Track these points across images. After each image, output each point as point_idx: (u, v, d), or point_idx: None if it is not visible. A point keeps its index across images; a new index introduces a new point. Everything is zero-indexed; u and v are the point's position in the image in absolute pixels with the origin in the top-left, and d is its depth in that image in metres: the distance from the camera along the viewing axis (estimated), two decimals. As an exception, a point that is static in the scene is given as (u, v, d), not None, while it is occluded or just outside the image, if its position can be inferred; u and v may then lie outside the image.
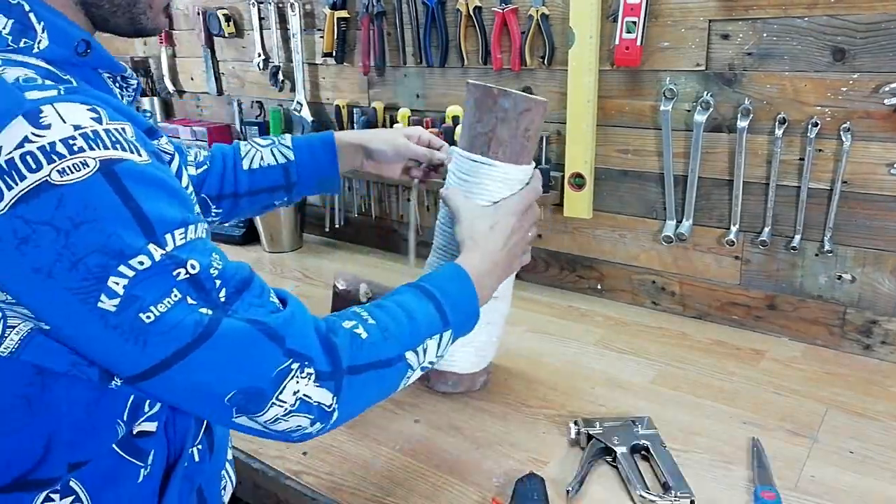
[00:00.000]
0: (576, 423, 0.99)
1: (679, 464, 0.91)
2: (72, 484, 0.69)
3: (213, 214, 1.13)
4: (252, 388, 0.62)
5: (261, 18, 1.90)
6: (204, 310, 0.60)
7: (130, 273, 0.57)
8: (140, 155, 0.60)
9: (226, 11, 1.97)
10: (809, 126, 1.17)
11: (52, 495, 0.68)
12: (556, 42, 1.40)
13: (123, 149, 0.59)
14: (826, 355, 1.24)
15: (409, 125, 1.62)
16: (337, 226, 1.88)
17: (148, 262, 0.58)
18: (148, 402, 0.73)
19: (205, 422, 0.82)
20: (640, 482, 0.88)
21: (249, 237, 1.96)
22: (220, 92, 2.14)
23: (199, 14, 2.03)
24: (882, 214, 1.16)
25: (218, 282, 0.62)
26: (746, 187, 1.27)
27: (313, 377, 0.65)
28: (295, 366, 0.64)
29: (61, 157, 0.55)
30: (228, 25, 1.98)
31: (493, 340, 1.12)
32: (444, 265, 0.87)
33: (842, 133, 1.15)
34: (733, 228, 1.30)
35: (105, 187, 0.56)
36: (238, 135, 2.10)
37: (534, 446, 1.00)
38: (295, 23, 1.80)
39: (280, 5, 1.84)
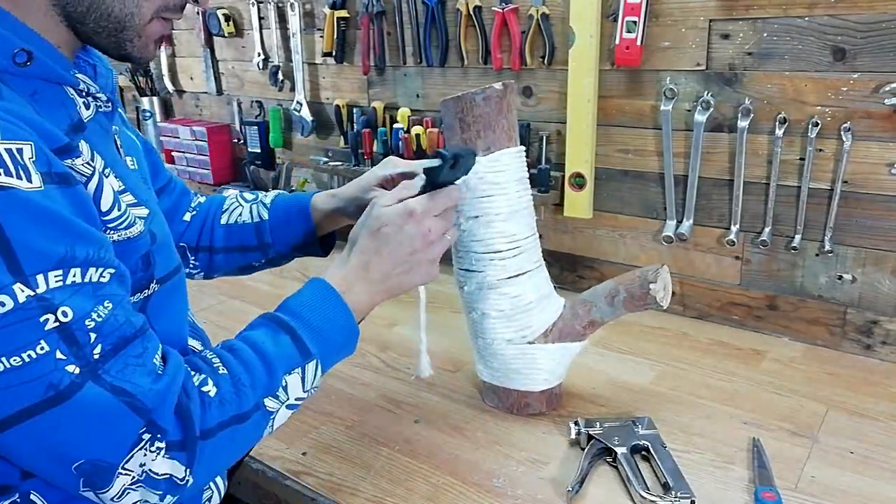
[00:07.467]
0: (576, 423, 0.99)
1: (679, 464, 0.91)
2: (32, 497, 0.66)
3: (190, 266, 1.06)
4: (102, 460, 0.59)
5: (260, 18, 1.90)
6: (71, 367, 0.56)
7: None
8: (29, 181, 0.55)
9: (225, 11, 1.97)
10: (810, 126, 1.17)
11: None
12: (557, 42, 1.40)
13: (8, 173, 0.54)
14: (826, 355, 1.24)
15: (408, 125, 1.62)
16: (337, 226, 1.87)
17: (10, 304, 0.53)
18: None
19: None
20: (641, 482, 0.88)
21: (249, 237, 1.94)
22: (219, 91, 2.13)
23: (198, 13, 2.02)
24: (883, 214, 1.16)
25: (93, 335, 0.57)
26: (747, 187, 1.27)
27: (163, 450, 0.62)
28: (147, 436, 0.61)
29: None
30: (228, 25, 1.98)
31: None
32: (308, 280, 0.79)
33: (842, 133, 1.14)
34: (734, 228, 1.30)
35: None
36: (237, 134, 2.10)
37: (534, 446, 1.00)
38: (294, 22, 1.79)
39: (280, 5, 1.83)
